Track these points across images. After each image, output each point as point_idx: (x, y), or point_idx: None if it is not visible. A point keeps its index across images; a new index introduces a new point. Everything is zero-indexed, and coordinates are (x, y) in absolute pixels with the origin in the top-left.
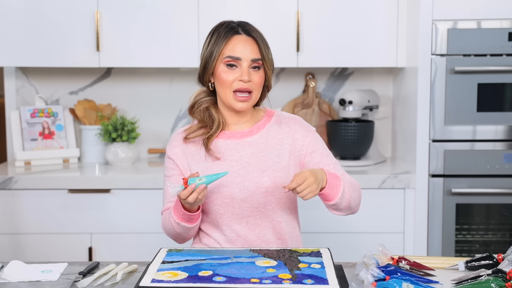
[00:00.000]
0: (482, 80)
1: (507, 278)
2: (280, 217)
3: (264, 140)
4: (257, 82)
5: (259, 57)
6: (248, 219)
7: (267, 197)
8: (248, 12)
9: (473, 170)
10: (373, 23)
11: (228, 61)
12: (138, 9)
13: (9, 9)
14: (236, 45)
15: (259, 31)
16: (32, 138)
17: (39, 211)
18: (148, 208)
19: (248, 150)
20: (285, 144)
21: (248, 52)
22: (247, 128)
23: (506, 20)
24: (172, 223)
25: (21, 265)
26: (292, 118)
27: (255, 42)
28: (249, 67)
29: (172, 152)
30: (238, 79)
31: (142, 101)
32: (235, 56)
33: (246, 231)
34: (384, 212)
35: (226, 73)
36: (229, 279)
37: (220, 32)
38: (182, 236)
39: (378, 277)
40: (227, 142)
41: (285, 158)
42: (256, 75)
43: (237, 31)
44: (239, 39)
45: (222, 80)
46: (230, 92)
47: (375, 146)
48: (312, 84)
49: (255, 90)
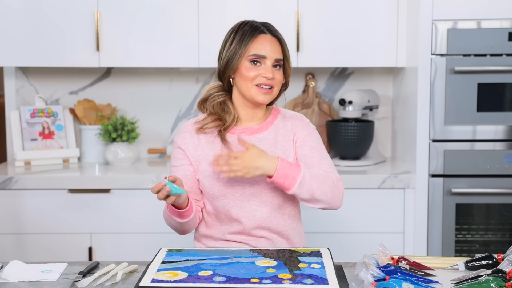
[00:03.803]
0: (482, 80)
1: (507, 278)
2: (286, 212)
3: (273, 136)
4: (278, 79)
5: (282, 58)
6: (255, 212)
7: (274, 192)
8: (248, 12)
9: (473, 170)
10: (373, 23)
11: (253, 59)
12: (138, 9)
13: (9, 9)
14: (262, 43)
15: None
16: (32, 138)
17: (39, 211)
18: (148, 208)
19: (259, 146)
20: (290, 140)
21: (273, 52)
22: (257, 125)
23: (506, 20)
24: (167, 216)
25: (21, 265)
26: (294, 116)
27: (279, 42)
28: (272, 66)
29: (183, 142)
30: (262, 75)
31: (142, 101)
32: (261, 54)
33: (252, 224)
34: (384, 212)
35: (250, 69)
36: (229, 279)
37: (245, 31)
38: (178, 229)
39: (378, 277)
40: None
41: (291, 155)
42: (278, 73)
43: (263, 31)
44: (264, 38)
45: (245, 75)
46: (253, 85)
47: (375, 146)
48: (312, 84)
49: (276, 86)
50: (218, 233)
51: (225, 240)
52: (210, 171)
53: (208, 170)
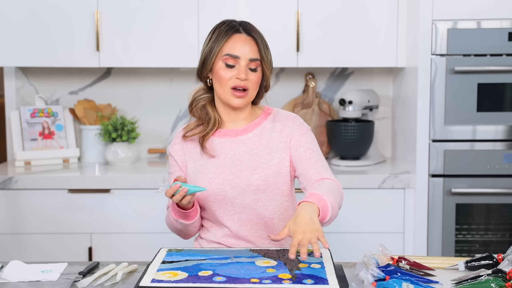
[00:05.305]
0: (482, 80)
1: (507, 278)
2: (271, 214)
3: (258, 138)
4: (254, 81)
5: (258, 57)
6: (239, 215)
7: (257, 194)
8: (248, 12)
9: (473, 170)
10: (373, 23)
11: (226, 59)
12: (138, 9)
13: (9, 9)
14: (235, 43)
15: (260, 32)
16: (32, 138)
17: (39, 211)
18: (148, 208)
19: (242, 148)
20: (277, 141)
21: (247, 52)
22: (242, 126)
23: (506, 20)
24: (172, 220)
25: (21, 265)
26: (287, 116)
27: (255, 42)
28: (247, 66)
29: (173, 149)
30: (235, 77)
31: (142, 101)
32: (234, 54)
33: (237, 227)
34: (384, 212)
35: (224, 71)
36: (229, 279)
37: (221, 30)
38: (183, 232)
39: (378, 277)
40: (222, 140)
41: (277, 156)
42: (253, 74)
43: (238, 30)
44: (239, 38)
45: (220, 77)
46: (228, 89)
47: (375, 146)
48: (312, 84)
49: (251, 89)
50: (211, 236)
51: (218, 243)
52: (194, 176)
53: (192, 175)
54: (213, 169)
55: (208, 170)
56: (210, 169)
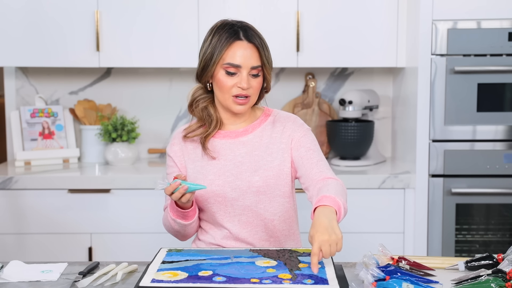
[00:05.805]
0: (482, 80)
1: (507, 278)
2: (272, 216)
3: (258, 139)
4: (255, 87)
5: (259, 64)
6: (240, 217)
7: (258, 196)
8: (248, 12)
9: (473, 170)
10: (373, 23)
11: (227, 68)
12: (138, 9)
13: (9, 9)
14: (236, 51)
15: (260, 35)
16: (32, 138)
17: (39, 211)
18: (148, 208)
19: (242, 149)
20: (278, 143)
21: (248, 60)
22: (242, 128)
23: (506, 20)
24: (169, 220)
25: (21, 265)
26: (287, 117)
27: (256, 48)
28: (248, 74)
29: (171, 150)
30: (237, 85)
31: (142, 101)
32: (236, 64)
33: (238, 229)
34: (384, 212)
35: (225, 78)
36: (229, 279)
37: (221, 35)
38: (180, 233)
39: (378, 277)
40: (222, 142)
41: (277, 157)
42: (255, 81)
43: (239, 37)
44: (240, 46)
45: (221, 84)
46: (230, 96)
47: (375, 146)
48: (312, 84)
49: (253, 95)
50: (210, 238)
51: (217, 245)
52: (194, 178)
53: (192, 177)
54: (213, 170)
55: (208, 171)
56: (210, 171)
